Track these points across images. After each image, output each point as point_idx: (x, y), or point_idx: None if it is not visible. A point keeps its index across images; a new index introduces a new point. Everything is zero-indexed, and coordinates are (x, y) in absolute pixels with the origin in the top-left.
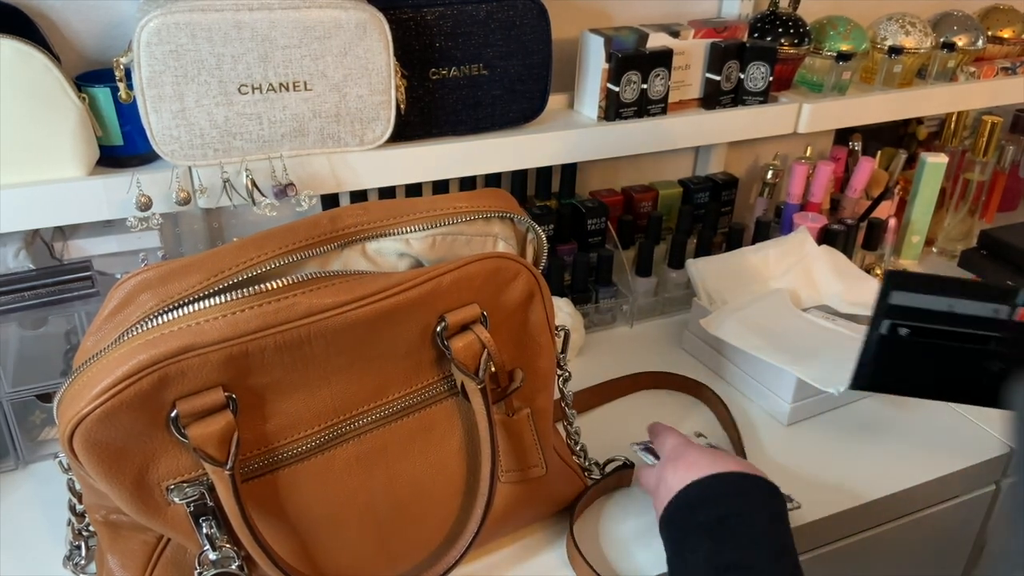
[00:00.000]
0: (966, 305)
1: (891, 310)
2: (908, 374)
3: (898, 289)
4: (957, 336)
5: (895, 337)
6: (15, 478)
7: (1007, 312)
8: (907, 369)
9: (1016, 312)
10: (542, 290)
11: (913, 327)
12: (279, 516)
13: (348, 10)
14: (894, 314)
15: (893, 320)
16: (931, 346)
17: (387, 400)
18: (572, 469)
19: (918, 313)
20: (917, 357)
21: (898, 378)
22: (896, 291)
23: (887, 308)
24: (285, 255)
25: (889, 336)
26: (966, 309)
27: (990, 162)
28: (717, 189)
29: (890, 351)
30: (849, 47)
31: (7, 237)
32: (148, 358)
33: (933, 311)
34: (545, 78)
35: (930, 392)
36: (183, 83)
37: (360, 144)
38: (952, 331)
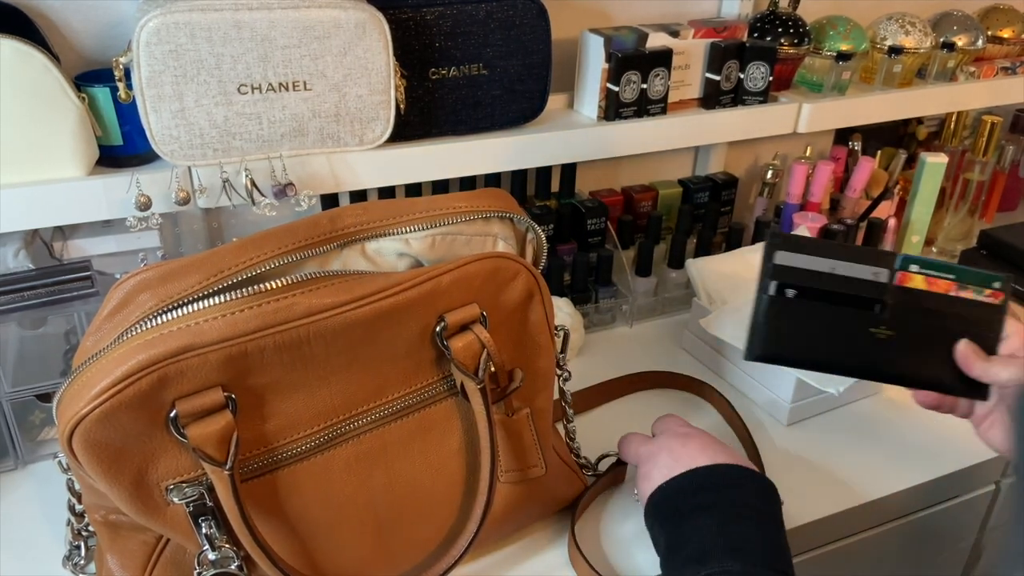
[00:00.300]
0: (847, 267)
1: (776, 271)
2: (800, 341)
3: (782, 249)
4: (843, 299)
5: (783, 299)
6: (14, 478)
7: (887, 275)
8: (798, 335)
9: (896, 276)
10: (542, 290)
11: (799, 288)
12: (278, 516)
13: (347, 10)
14: (780, 275)
15: (779, 281)
16: (819, 309)
17: (386, 400)
18: (572, 469)
19: (803, 274)
20: (806, 321)
21: (791, 346)
22: (780, 251)
23: (772, 269)
24: (284, 255)
25: (776, 297)
26: (848, 271)
27: (990, 162)
28: (717, 189)
29: (779, 314)
30: (849, 47)
31: (7, 237)
32: (147, 358)
33: (817, 272)
34: (545, 78)
35: (824, 363)
36: (182, 83)
37: (360, 144)
38: (837, 293)
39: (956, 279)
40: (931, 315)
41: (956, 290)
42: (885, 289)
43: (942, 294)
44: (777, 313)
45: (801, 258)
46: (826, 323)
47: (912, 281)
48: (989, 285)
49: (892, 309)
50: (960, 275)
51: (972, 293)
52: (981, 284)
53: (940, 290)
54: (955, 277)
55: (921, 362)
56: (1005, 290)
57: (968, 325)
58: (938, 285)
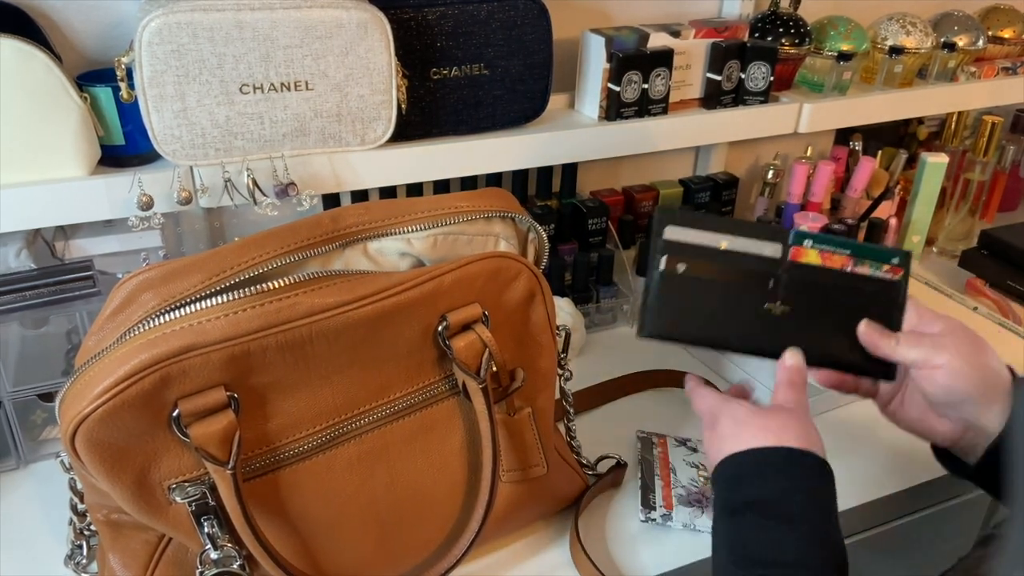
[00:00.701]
0: (740, 242)
1: (666, 246)
2: (693, 318)
3: (672, 224)
4: (735, 274)
5: (674, 274)
6: (16, 477)
7: (780, 250)
8: (691, 313)
9: (790, 251)
10: (543, 290)
11: (690, 263)
12: (281, 515)
13: (349, 10)
14: (670, 250)
15: (670, 256)
16: (711, 285)
17: (389, 399)
18: (573, 468)
19: (693, 249)
20: (699, 297)
21: (684, 323)
22: (670, 226)
23: (663, 245)
24: (287, 255)
25: (667, 273)
26: (740, 246)
27: (990, 162)
28: (718, 189)
29: (671, 291)
30: (850, 47)
31: (9, 237)
32: (150, 357)
33: (708, 247)
34: (546, 78)
35: (719, 340)
36: (185, 83)
37: (361, 144)
38: (731, 268)
39: (852, 254)
40: (827, 291)
41: (852, 265)
42: (779, 264)
43: (837, 269)
44: (669, 290)
45: (692, 233)
46: (719, 299)
47: (806, 256)
48: (888, 261)
49: (787, 285)
50: (856, 250)
51: (869, 269)
52: (879, 260)
53: (835, 265)
54: (851, 252)
55: (820, 339)
56: (904, 266)
57: (866, 301)
58: (833, 260)
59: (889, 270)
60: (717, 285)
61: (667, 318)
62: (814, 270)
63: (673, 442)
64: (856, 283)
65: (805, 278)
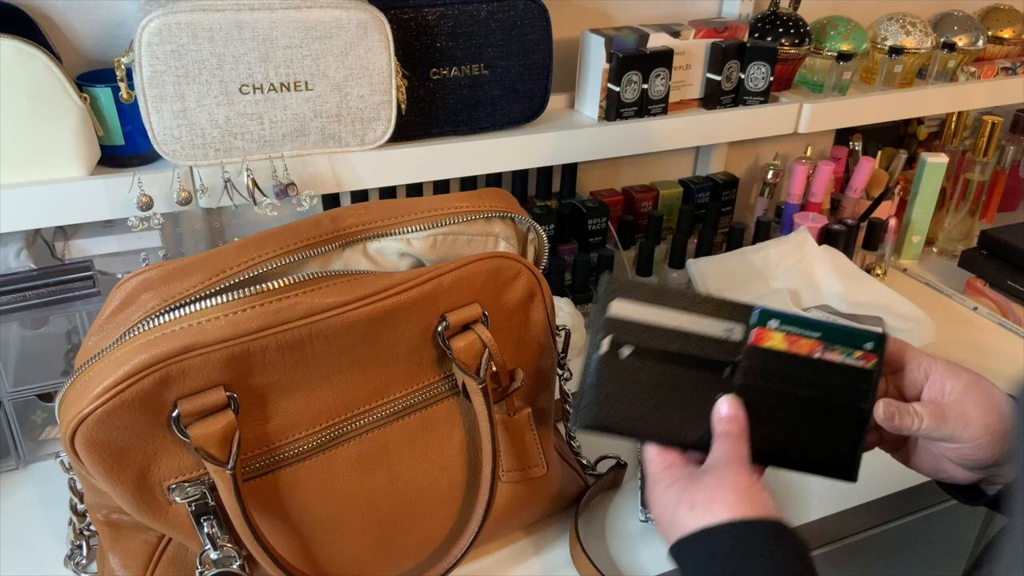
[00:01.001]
0: (695, 321)
1: (610, 324)
2: (636, 409)
3: (619, 297)
4: (688, 360)
5: (616, 358)
6: (16, 478)
7: (741, 332)
8: (635, 402)
9: (751, 333)
10: (543, 290)
11: (637, 345)
12: (280, 515)
13: (349, 10)
14: (615, 329)
15: (614, 336)
16: (659, 372)
17: (388, 400)
18: (573, 468)
19: (642, 329)
20: (644, 386)
21: (627, 414)
22: (618, 299)
23: (606, 322)
24: (286, 255)
25: (609, 356)
26: (695, 326)
27: (990, 162)
28: (717, 189)
29: (612, 377)
30: (849, 47)
31: (8, 237)
32: (149, 358)
33: (658, 327)
34: (546, 78)
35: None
36: (184, 83)
37: (361, 144)
38: (682, 354)
39: (822, 338)
40: (790, 381)
41: (822, 351)
42: (738, 349)
43: (804, 356)
44: (610, 375)
45: (640, 309)
46: (668, 389)
47: (770, 340)
48: (860, 346)
49: (746, 372)
50: (827, 333)
51: (840, 355)
52: (851, 344)
53: (803, 351)
54: (821, 336)
55: (778, 436)
56: (878, 351)
57: (833, 394)
58: (800, 345)
59: (862, 356)
60: (666, 371)
61: (607, 408)
62: (778, 357)
63: None
64: (824, 373)
65: (767, 366)
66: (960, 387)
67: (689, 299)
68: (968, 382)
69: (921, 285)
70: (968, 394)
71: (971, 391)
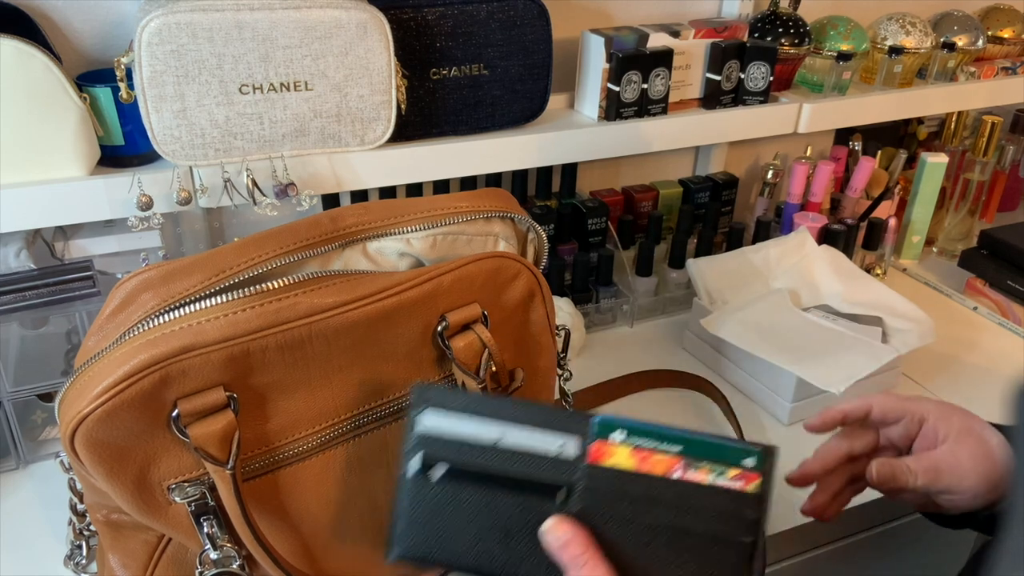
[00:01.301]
0: (522, 435)
1: (422, 440)
2: (457, 538)
3: (431, 408)
4: (514, 483)
5: (429, 480)
6: (16, 478)
7: (577, 448)
8: (455, 530)
9: (589, 449)
10: (543, 290)
11: (452, 467)
12: (280, 515)
13: (349, 10)
14: (427, 446)
15: (426, 454)
16: (479, 497)
17: (388, 399)
18: None
19: (458, 446)
20: (462, 513)
21: (446, 543)
22: (429, 411)
23: (416, 439)
24: (286, 255)
25: (421, 478)
26: (522, 441)
27: (990, 162)
28: (717, 189)
29: (426, 501)
30: (849, 47)
31: (8, 237)
32: (149, 357)
33: (478, 444)
34: (545, 78)
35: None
36: (184, 83)
37: (361, 144)
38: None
39: (683, 452)
40: (642, 507)
41: (683, 470)
42: (574, 467)
43: (659, 477)
44: (423, 499)
45: (456, 421)
46: (489, 516)
47: (614, 457)
48: (737, 463)
49: (584, 497)
50: (690, 447)
51: (708, 475)
52: (724, 461)
53: (657, 470)
54: (682, 450)
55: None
56: (761, 469)
57: (700, 523)
58: (654, 463)
59: (739, 476)
60: (487, 495)
61: (421, 536)
62: (624, 477)
63: None
64: (687, 498)
65: (611, 489)
66: (952, 433)
67: (514, 408)
68: (960, 428)
69: (921, 285)
70: (960, 442)
71: (963, 438)
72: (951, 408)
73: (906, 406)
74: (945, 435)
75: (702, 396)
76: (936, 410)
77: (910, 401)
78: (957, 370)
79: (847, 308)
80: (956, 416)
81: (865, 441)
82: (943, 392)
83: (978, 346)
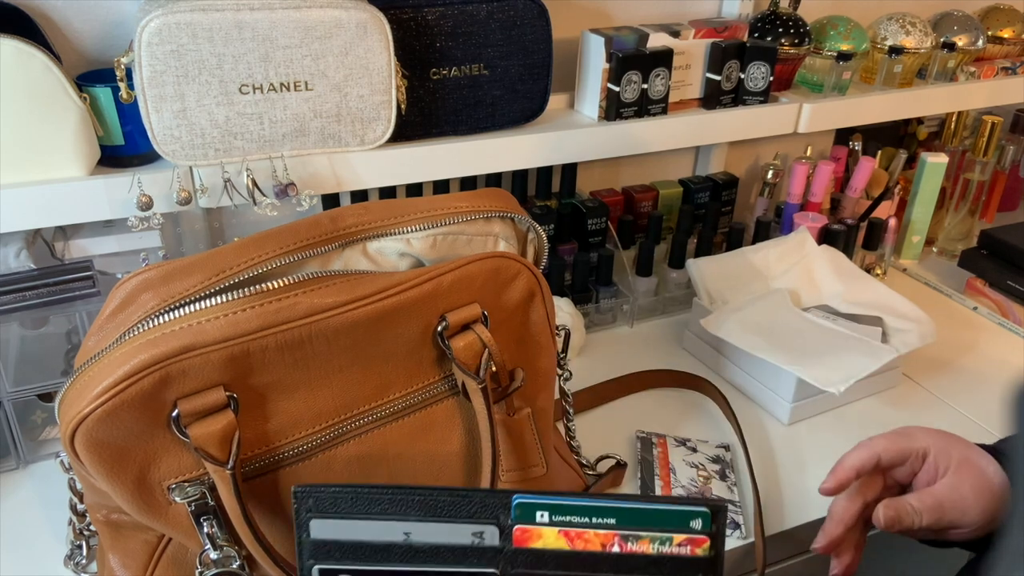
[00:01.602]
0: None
1: (318, 549)
2: None
3: (320, 516)
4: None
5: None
6: (16, 478)
7: (496, 535)
8: None
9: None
10: (543, 290)
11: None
12: (280, 515)
13: (349, 10)
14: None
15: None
16: None
17: (388, 399)
18: (573, 468)
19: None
20: None
21: None
22: (317, 519)
23: (311, 546)
24: (286, 255)
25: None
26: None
27: (990, 162)
28: (717, 189)
29: None
30: (849, 47)
31: (8, 237)
32: (149, 357)
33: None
34: (545, 78)
35: None
36: (184, 83)
37: (361, 144)
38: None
39: (618, 525)
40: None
41: (620, 543)
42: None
43: (597, 553)
44: None
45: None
46: None
47: (542, 539)
48: (683, 526)
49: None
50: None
51: (651, 544)
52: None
53: (593, 546)
54: (616, 522)
55: None
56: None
57: None
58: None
59: (685, 542)
60: None
61: None
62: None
63: (673, 442)
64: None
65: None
66: (952, 465)
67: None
68: (960, 460)
69: (921, 285)
70: (960, 474)
71: (963, 470)
72: (949, 439)
73: (909, 446)
74: (946, 468)
75: (702, 396)
76: (936, 443)
77: (911, 438)
78: (957, 370)
79: (847, 308)
80: (955, 448)
81: (875, 489)
82: (943, 392)
83: (978, 346)
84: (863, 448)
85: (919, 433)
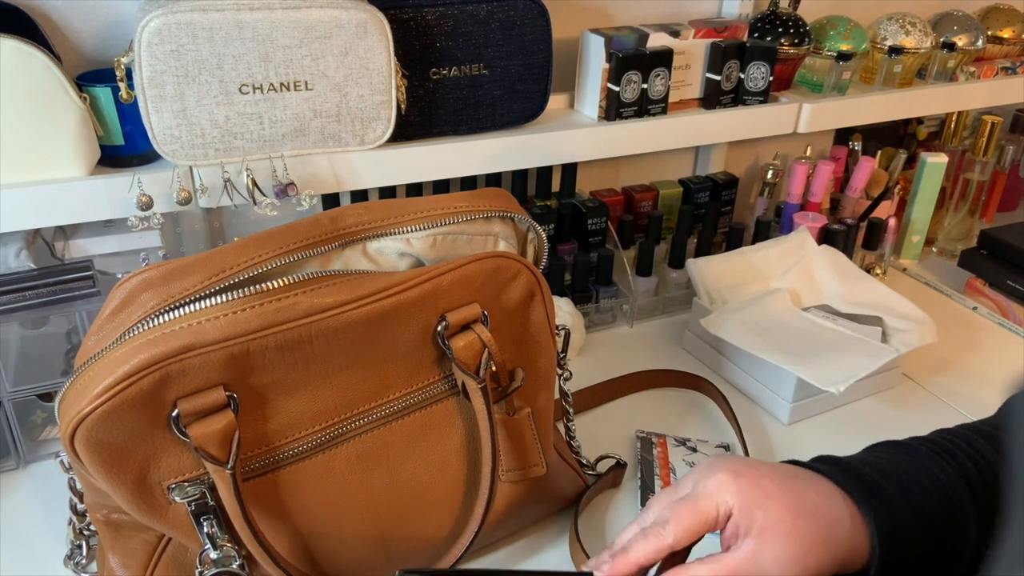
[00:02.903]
0: None
1: None
2: None
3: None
4: None
5: None
6: (16, 477)
7: None
8: None
9: None
10: (543, 289)
11: None
12: (280, 515)
13: (349, 10)
14: None
15: None
16: None
17: (388, 399)
18: (573, 468)
19: None
20: None
21: None
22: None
23: None
24: (286, 255)
25: None
26: None
27: (990, 162)
28: (717, 189)
29: None
30: (849, 47)
31: (8, 237)
32: (149, 357)
33: None
34: (545, 78)
35: None
36: (184, 83)
37: (361, 144)
38: None
39: None
40: None
41: None
42: None
43: None
44: None
45: None
46: None
47: None
48: None
49: None
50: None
51: None
52: None
53: None
54: None
55: None
56: None
57: None
58: None
59: None
60: None
61: None
62: None
63: (673, 442)
64: None
65: None
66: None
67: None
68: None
69: (921, 285)
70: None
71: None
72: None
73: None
74: (747, 531)
75: (702, 396)
76: (742, 504)
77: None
78: (957, 370)
79: (847, 308)
80: (764, 509)
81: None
82: (943, 392)
83: (978, 346)
84: (652, 540)
85: (725, 492)
